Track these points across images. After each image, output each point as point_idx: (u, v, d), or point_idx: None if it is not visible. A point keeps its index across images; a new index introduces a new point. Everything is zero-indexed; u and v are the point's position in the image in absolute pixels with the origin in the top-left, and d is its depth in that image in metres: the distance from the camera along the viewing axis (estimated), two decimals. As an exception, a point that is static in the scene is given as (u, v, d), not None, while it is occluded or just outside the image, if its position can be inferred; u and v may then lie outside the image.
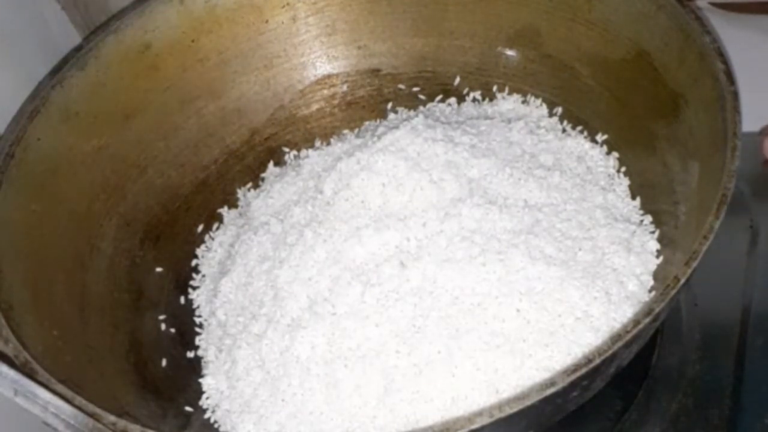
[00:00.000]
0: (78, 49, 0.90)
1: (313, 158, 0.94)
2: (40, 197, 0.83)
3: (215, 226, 0.98)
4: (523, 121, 0.91)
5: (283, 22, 1.00)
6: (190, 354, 0.87)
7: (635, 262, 0.77)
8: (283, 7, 1.00)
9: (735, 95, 0.71)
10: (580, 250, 0.77)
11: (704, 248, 0.63)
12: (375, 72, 1.03)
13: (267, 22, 1.00)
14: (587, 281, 0.74)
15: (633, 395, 0.79)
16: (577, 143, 0.90)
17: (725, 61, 0.74)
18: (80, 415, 0.62)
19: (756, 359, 0.80)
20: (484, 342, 0.72)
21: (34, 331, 0.74)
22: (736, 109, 0.71)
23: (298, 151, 1.02)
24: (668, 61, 0.81)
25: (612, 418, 0.78)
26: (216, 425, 0.81)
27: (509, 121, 0.92)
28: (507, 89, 0.98)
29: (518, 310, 0.72)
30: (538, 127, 0.91)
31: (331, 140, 1.02)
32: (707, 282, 0.84)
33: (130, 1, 0.97)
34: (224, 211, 0.99)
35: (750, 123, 0.73)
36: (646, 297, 0.75)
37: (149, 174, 0.95)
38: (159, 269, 0.92)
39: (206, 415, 0.81)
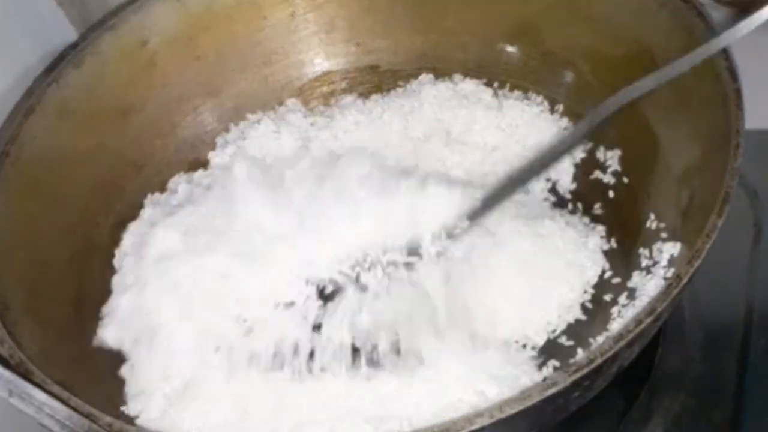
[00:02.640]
0: (74, 45, 0.90)
1: None
2: (36, 196, 0.83)
3: (213, 224, 0.97)
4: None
5: (281, 19, 1.00)
6: (188, 354, 0.87)
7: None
8: (282, 3, 0.99)
9: (738, 92, 0.71)
10: None
11: (707, 247, 0.63)
12: (374, 68, 1.03)
13: (265, 18, 1.00)
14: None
15: (635, 395, 0.79)
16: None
17: (728, 58, 0.73)
18: (75, 416, 0.61)
19: (759, 359, 0.80)
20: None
21: (30, 332, 0.73)
22: (739, 107, 0.70)
23: (296, 147, 1.01)
24: (671, 58, 0.81)
25: (614, 418, 0.78)
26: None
27: None
28: (508, 86, 0.97)
29: None
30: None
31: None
32: (710, 281, 0.84)
33: (126, -3, 0.97)
34: (222, 209, 0.98)
35: (754, 121, 0.72)
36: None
37: (146, 172, 0.95)
38: (156, 269, 0.92)
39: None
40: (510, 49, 0.97)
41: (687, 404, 0.78)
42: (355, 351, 0.75)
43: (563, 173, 0.91)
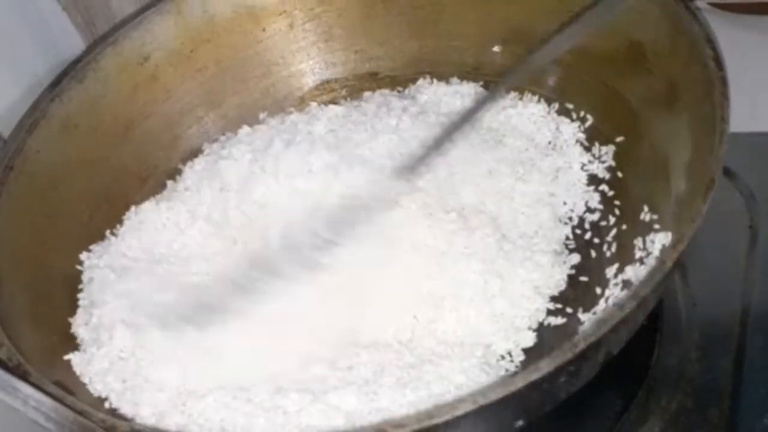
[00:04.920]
0: (77, 61, 0.91)
1: None
2: (41, 209, 0.84)
3: (216, 235, 0.97)
4: None
5: (280, 30, 1.01)
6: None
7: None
8: (280, 14, 1.00)
9: (723, 80, 0.70)
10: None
11: (690, 233, 0.62)
12: (373, 75, 1.03)
13: (264, 30, 1.01)
14: None
15: (632, 395, 0.78)
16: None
17: (714, 48, 0.73)
18: (61, 408, 0.61)
19: (755, 359, 0.79)
20: None
21: (30, 336, 0.74)
22: (725, 95, 0.70)
23: (300, 158, 1.02)
24: (660, 50, 0.81)
25: (611, 418, 0.77)
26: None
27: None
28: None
29: None
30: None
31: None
32: (707, 282, 0.84)
33: (131, 3, 0.98)
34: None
35: (751, 123, 0.72)
36: None
37: (150, 184, 0.95)
38: (159, 279, 0.92)
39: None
40: (505, 51, 0.97)
41: (684, 404, 0.77)
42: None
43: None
